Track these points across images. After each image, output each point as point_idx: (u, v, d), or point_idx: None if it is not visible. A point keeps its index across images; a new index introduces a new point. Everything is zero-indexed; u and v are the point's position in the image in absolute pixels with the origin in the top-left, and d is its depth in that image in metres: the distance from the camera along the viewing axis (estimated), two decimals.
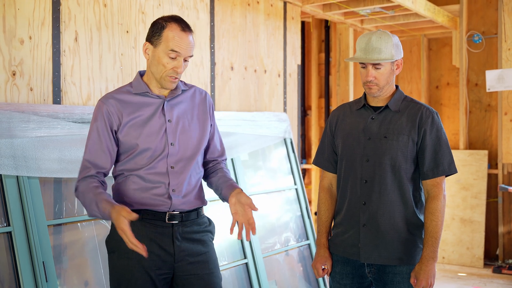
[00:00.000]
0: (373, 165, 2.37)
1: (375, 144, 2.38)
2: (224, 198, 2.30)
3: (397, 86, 2.48)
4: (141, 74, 2.28)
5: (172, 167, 2.20)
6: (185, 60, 2.18)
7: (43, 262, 2.69)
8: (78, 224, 2.99)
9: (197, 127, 2.29)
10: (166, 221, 2.19)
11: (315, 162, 2.62)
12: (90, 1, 3.16)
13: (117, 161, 2.23)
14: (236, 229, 2.94)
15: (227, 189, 2.27)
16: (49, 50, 2.96)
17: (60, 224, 2.91)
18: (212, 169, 2.39)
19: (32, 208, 2.71)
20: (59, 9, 3.00)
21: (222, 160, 2.45)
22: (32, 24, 2.88)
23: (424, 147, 2.35)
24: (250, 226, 2.15)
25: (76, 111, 2.95)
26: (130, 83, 2.26)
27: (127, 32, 3.38)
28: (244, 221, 2.16)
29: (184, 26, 2.16)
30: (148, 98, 2.22)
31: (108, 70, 3.26)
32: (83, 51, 3.13)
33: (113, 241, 2.20)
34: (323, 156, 2.58)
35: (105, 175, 2.23)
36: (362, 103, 2.47)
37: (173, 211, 2.20)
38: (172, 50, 2.13)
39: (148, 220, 2.18)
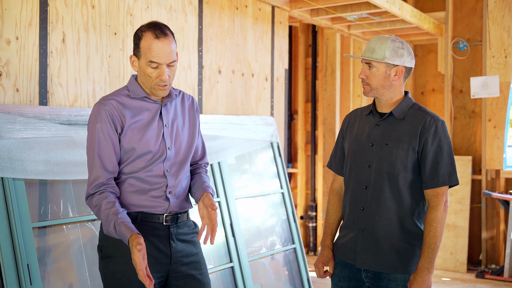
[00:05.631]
0: (374, 172, 2.38)
1: (377, 150, 2.39)
2: (196, 201, 2.32)
3: (406, 93, 2.45)
4: (135, 77, 2.25)
5: (168, 171, 2.21)
6: (170, 66, 2.15)
7: (27, 264, 2.66)
8: (63, 226, 2.97)
9: (188, 132, 2.31)
10: (164, 223, 2.20)
11: (329, 165, 2.65)
12: (78, 2, 3.15)
13: None
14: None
15: (199, 193, 2.28)
16: (36, 51, 2.94)
17: (45, 227, 2.88)
18: (192, 172, 2.40)
19: (17, 210, 2.68)
20: (46, 10, 2.98)
21: (204, 163, 2.45)
22: (19, 25, 2.86)
23: (425, 156, 2.32)
24: (211, 232, 2.16)
25: (63, 113, 2.94)
26: (126, 87, 2.24)
27: (115, 34, 3.36)
28: (209, 224, 2.18)
29: (159, 33, 2.11)
30: (146, 103, 2.22)
31: (95, 71, 3.25)
32: (71, 53, 3.11)
33: (109, 247, 2.16)
34: (335, 159, 2.61)
35: (115, 178, 2.18)
36: (370, 109, 2.49)
37: (169, 212, 2.22)
38: (151, 61, 2.11)
39: (146, 222, 2.18)
